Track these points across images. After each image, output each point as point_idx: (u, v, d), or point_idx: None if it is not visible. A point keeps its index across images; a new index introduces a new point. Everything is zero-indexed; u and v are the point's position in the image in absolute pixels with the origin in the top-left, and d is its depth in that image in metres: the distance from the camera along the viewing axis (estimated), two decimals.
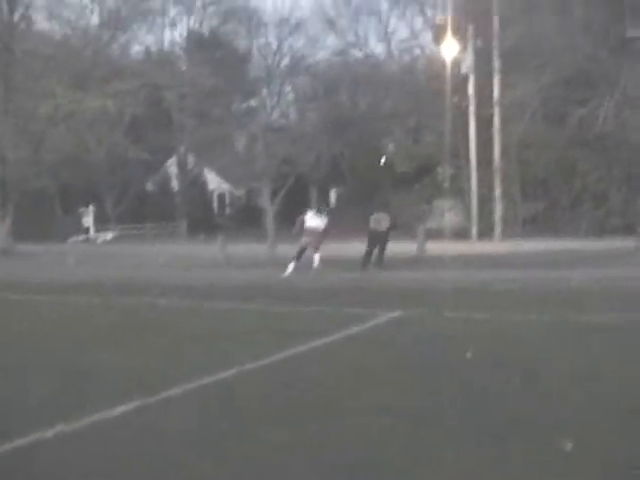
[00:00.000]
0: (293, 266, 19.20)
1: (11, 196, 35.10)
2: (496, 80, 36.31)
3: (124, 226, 48.58)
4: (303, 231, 19.84)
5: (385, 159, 48.19)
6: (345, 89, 53.16)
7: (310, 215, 20.02)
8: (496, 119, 37.03)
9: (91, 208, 50.87)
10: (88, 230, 50.07)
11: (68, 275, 21.80)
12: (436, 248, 24.90)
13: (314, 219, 19.83)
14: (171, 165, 54.77)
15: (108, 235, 48.09)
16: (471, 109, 38.12)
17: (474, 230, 37.56)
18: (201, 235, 41.90)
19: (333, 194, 56.65)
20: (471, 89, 38.06)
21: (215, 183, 56.48)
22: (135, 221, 48.77)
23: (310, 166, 45.62)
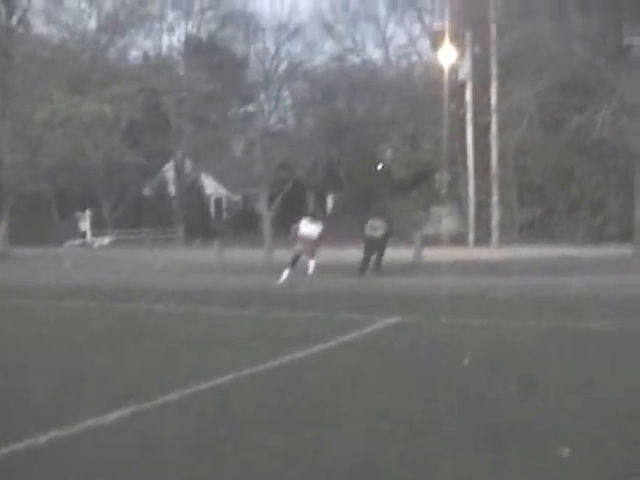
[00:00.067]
0: (288, 273, 19.21)
1: (8, 200, 35.09)
2: (493, 87, 36.37)
3: (121, 231, 48.54)
4: (297, 238, 19.90)
5: (382, 165, 48.24)
6: (342, 95, 53.18)
7: (304, 222, 20.04)
8: (493, 125, 37.09)
9: (88, 212, 50.88)
10: (85, 234, 50.07)
11: (64, 279, 21.76)
12: (433, 254, 24.91)
13: (308, 226, 19.86)
14: (168, 170, 54.73)
15: (105, 240, 48.08)
16: (468, 116, 38.19)
17: (471, 236, 37.59)
18: (197, 240, 41.90)
19: (330, 200, 56.69)
20: (468, 95, 38.15)
21: (212, 188, 56.45)
22: (132, 226, 48.74)
23: (307, 172, 45.63)
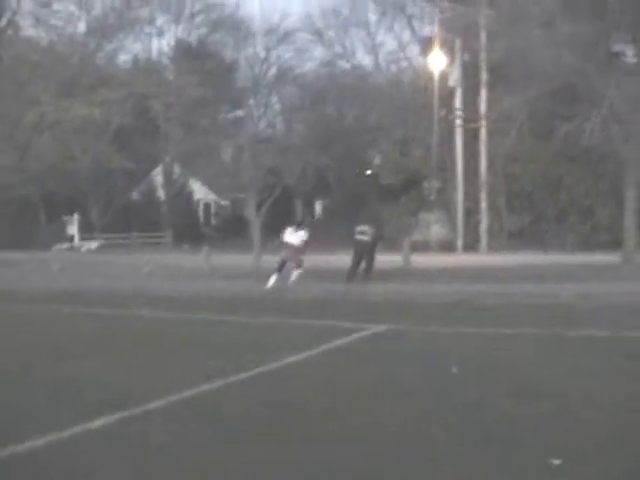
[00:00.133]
0: (275, 278, 19.31)
1: None
2: (483, 93, 36.44)
3: (109, 235, 48.35)
4: (283, 245, 20.09)
5: (371, 171, 48.22)
6: (332, 100, 53.18)
7: (289, 231, 20.17)
8: (483, 132, 37.16)
9: (76, 216, 50.68)
10: (72, 238, 49.87)
11: (52, 284, 21.59)
12: (422, 261, 24.91)
13: (292, 235, 19.98)
14: (157, 174, 54.63)
15: (93, 244, 47.89)
16: (458, 122, 38.24)
17: (460, 243, 37.63)
18: (186, 245, 41.78)
19: (319, 206, 56.67)
20: (458, 102, 38.21)
21: (201, 193, 56.37)
22: (120, 230, 48.53)
23: (296, 177, 45.52)
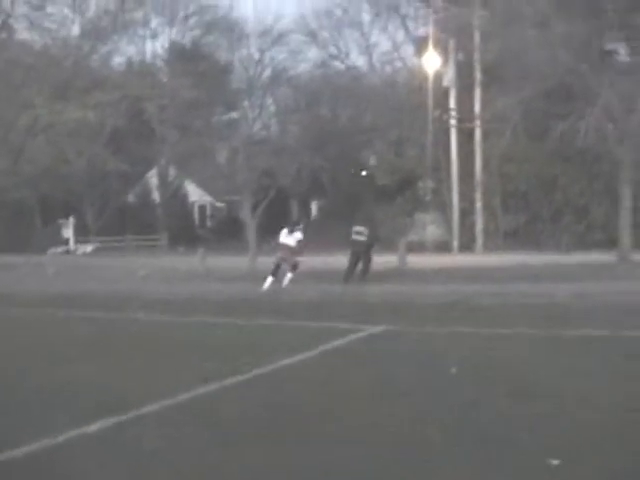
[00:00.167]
0: (271, 280, 19.32)
1: None
2: (477, 93, 36.44)
3: (104, 238, 48.25)
4: (278, 247, 20.11)
5: (366, 172, 48.19)
6: (327, 101, 53.16)
7: (284, 233, 20.18)
8: (477, 132, 37.16)
9: (71, 220, 50.56)
10: (68, 242, 49.76)
11: (47, 287, 21.56)
12: (417, 261, 24.90)
13: (286, 237, 20.00)
14: (152, 177, 54.54)
15: (88, 247, 47.81)
16: (452, 122, 38.24)
17: (455, 243, 37.63)
18: (181, 247, 41.71)
19: (314, 207, 56.62)
20: (452, 102, 38.20)
21: (196, 195, 56.32)
22: (116, 233, 48.46)
23: (291, 179, 45.46)
